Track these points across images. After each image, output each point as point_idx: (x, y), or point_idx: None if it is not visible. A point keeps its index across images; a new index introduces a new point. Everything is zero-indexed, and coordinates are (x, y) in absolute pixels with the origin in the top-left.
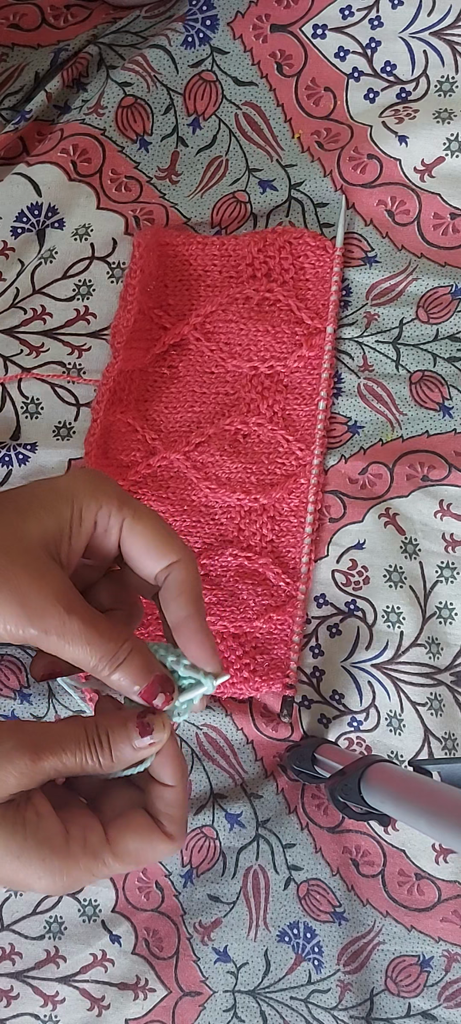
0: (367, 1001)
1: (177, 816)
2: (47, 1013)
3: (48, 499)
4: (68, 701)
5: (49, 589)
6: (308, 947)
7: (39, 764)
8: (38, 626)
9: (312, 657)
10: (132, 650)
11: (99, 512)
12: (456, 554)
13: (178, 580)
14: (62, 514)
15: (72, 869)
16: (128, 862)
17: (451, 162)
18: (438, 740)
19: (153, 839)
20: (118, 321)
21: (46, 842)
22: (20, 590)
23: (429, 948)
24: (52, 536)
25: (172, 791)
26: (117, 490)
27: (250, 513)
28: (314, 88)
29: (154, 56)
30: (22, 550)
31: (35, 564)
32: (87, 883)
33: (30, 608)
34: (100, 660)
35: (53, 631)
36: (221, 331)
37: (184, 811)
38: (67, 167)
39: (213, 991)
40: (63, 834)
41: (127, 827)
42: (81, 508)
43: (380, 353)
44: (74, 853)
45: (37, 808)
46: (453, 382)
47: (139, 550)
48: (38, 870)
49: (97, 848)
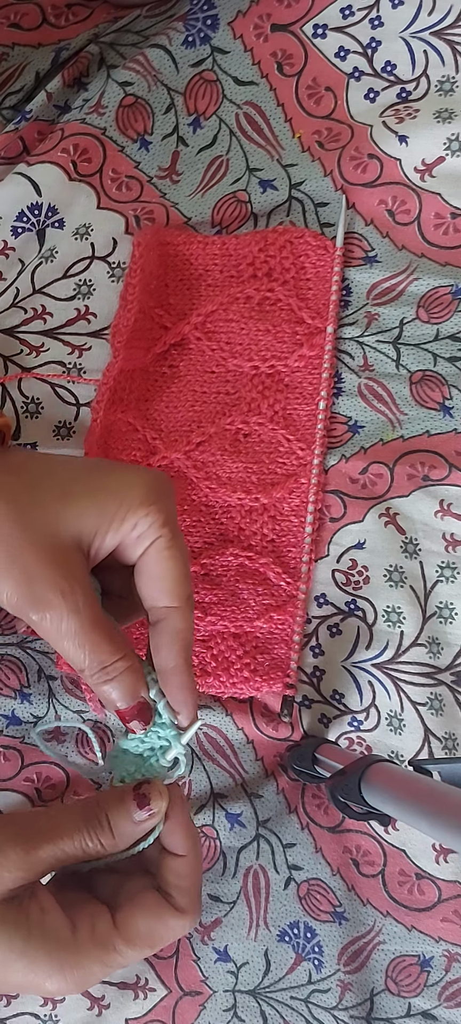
0: (367, 1001)
1: (188, 888)
2: (47, 1012)
3: (99, 493)
4: (68, 701)
5: (59, 581)
6: (308, 947)
7: (35, 855)
8: (37, 613)
9: (312, 657)
10: (125, 669)
11: (142, 520)
12: (456, 554)
13: (175, 628)
14: (107, 512)
15: (82, 962)
16: (141, 945)
17: (451, 162)
18: (438, 740)
19: (163, 916)
20: (118, 320)
21: (52, 935)
22: (30, 572)
23: (429, 948)
24: (88, 530)
25: (182, 861)
26: (168, 507)
27: (251, 512)
28: (315, 88)
29: (155, 55)
30: (49, 534)
31: (55, 553)
32: (100, 976)
33: (35, 594)
34: (91, 666)
35: (50, 623)
36: (222, 330)
37: (196, 882)
38: (67, 167)
39: (213, 991)
40: (69, 926)
41: (135, 908)
42: (127, 513)
43: (380, 353)
44: (82, 944)
45: (41, 903)
46: (454, 382)
47: (155, 577)
48: (45, 967)
49: (105, 935)
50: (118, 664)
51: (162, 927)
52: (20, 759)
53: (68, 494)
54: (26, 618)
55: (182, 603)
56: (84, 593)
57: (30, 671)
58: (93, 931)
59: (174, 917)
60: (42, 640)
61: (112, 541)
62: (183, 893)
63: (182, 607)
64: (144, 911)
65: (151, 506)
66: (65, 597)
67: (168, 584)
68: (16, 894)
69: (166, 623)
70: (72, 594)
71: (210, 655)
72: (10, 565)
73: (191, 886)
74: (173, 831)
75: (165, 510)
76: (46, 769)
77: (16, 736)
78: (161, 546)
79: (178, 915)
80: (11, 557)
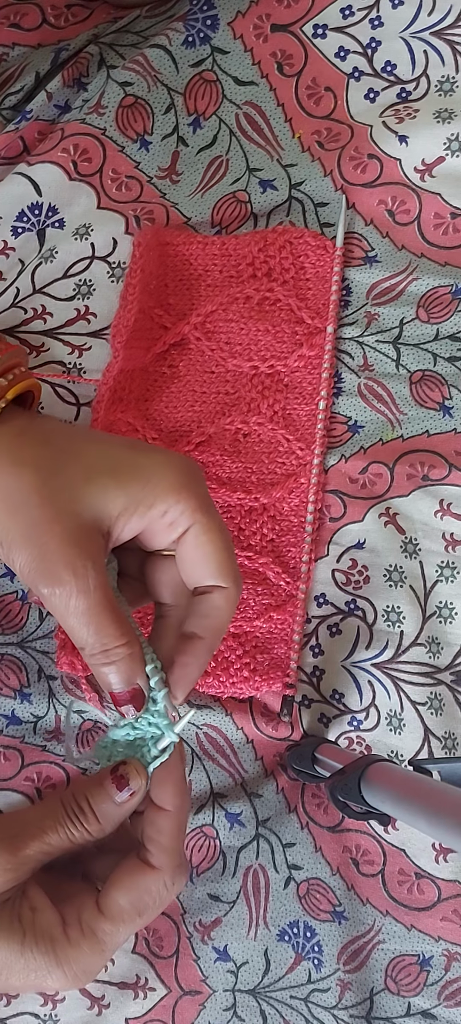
0: (367, 1000)
1: (167, 845)
2: (47, 1012)
3: (127, 473)
4: (68, 701)
5: (73, 560)
6: (308, 946)
7: (21, 854)
8: (48, 587)
9: (312, 656)
10: (126, 655)
11: (173, 508)
12: (456, 554)
13: (214, 604)
14: (132, 496)
15: (76, 956)
16: (127, 920)
17: (451, 162)
18: (438, 739)
19: (140, 880)
20: (118, 320)
21: (45, 934)
22: (46, 547)
23: (429, 947)
24: (110, 511)
25: (165, 816)
26: (200, 491)
27: (250, 512)
28: (314, 88)
29: (155, 56)
30: (70, 511)
31: (73, 531)
32: (101, 962)
33: (47, 568)
34: (93, 646)
35: (58, 599)
36: (222, 330)
37: (175, 841)
38: (67, 167)
39: (213, 990)
40: (60, 922)
41: (114, 885)
42: (155, 499)
43: (380, 353)
44: (73, 938)
45: (31, 902)
46: (453, 382)
47: (197, 561)
48: (44, 966)
49: (92, 923)
50: (120, 649)
51: (141, 893)
52: (20, 759)
53: (94, 473)
54: (36, 590)
55: (228, 584)
56: (96, 574)
57: (30, 671)
58: (80, 923)
59: (149, 876)
60: (42, 640)
61: (137, 526)
62: (161, 850)
63: (228, 588)
64: (122, 885)
65: (181, 492)
66: (77, 576)
67: (213, 566)
68: (8, 896)
69: (208, 597)
70: (84, 574)
71: None
72: (28, 536)
73: (170, 844)
74: (164, 784)
75: (196, 495)
76: (46, 769)
77: (16, 736)
78: (198, 532)
79: (153, 873)
80: (30, 527)
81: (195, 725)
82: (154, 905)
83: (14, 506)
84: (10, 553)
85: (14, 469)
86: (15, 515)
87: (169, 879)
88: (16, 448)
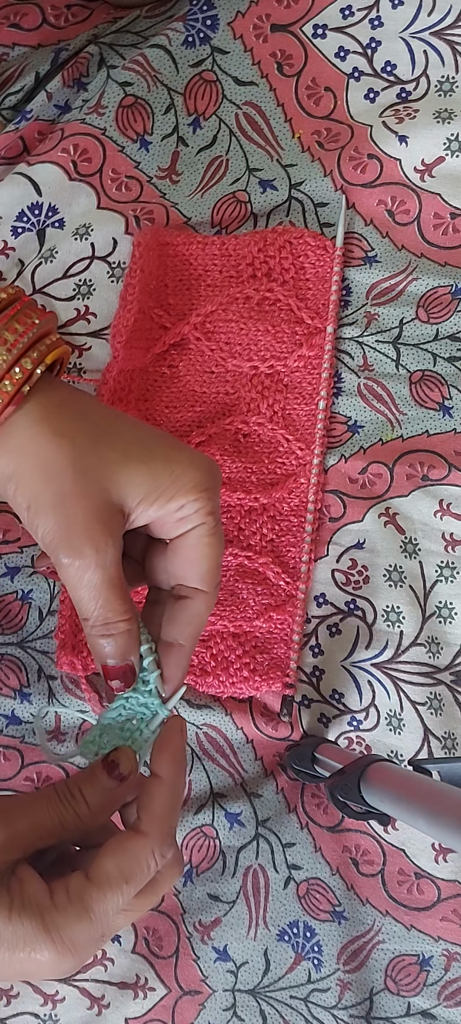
0: (367, 1000)
1: (156, 811)
2: (47, 1012)
3: (159, 463)
4: (68, 701)
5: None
6: (308, 946)
7: (12, 828)
8: (68, 558)
9: (312, 656)
10: (125, 631)
11: (190, 504)
12: (456, 554)
13: (196, 611)
14: (159, 485)
15: (65, 924)
16: (114, 885)
17: (451, 162)
18: (438, 739)
19: (126, 844)
20: (118, 321)
21: (32, 901)
22: (73, 518)
23: (429, 947)
24: (134, 495)
25: (158, 783)
26: (215, 496)
27: (250, 513)
28: (314, 88)
29: (154, 56)
30: (100, 488)
31: (101, 507)
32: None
33: (71, 540)
34: (96, 619)
35: (76, 571)
36: (221, 331)
37: (166, 810)
38: (67, 167)
39: (213, 990)
40: (47, 892)
41: (101, 852)
42: (177, 492)
43: (380, 353)
44: (61, 905)
45: (19, 876)
46: (453, 382)
47: (191, 560)
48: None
49: (80, 890)
50: (120, 624)
51: (128, 857)
52: (20, 759)
53: (127, 456)
54: (55, 558)
55: (210, 590)
56: (114, 551)
57: (30, 671)
58: (68, 891)
59: (136, 840)
60: (42, 640)
61: (154, 514)
62: (150, 815)
63: (210, 593)
64: (109, 850)
65: (202, 492)
66: (98, 551)
67: (203, 570)
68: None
69: (190, 603)
70: (104, 550)
71: (209, 655)
72: (57, 504)
73: (160, 811)
74: (160, 753)
75: (213, 499)
76: (46, 769)
77: (16, 736)
78: (203, 532)
79: (140, 837)
80: (60, 497)
81: (195, 725)
82: (141, 873)
83: (48, 474)
84: (36, 518)
85: (54, 439)
86: (49, 483)
87: (157, 847)
88: (56, 419)
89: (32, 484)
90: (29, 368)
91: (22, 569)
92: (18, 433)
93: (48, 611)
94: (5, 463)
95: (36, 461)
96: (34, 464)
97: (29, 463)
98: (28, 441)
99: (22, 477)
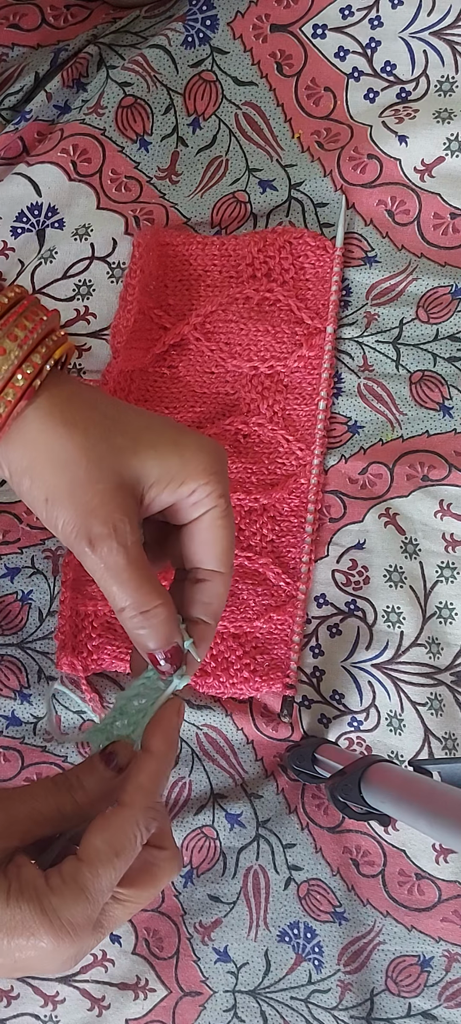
0: (367, 1001)
1: (141, 784)
2: (47, 1013)
3: (168, 448)
4: (68, 702)
5: (113, 516)
6: (308, 947)
7: (11, 815)
8: (88, 544)
9: (312, 657)
10: (165, 617)
11: (201, 488)
12: (456, 554)
13: (216, 591)
14: (169, 470)
15: (62, 905)
16: (104, 861)
17: (451, 162)
18: (438, 740)
19: (111, 818)
20: (118, 321)
21: (29, 885)
22: (89, 504)
23: (429, 948)
24: (146, 480)
25: (146, 758)
26: (226, 479)
27: (250, 513)
28: (314, 88)
29: (154, 56)
30: (114, 472)
31: (115, 491)
32: (86, 917)
33: (90, 527)
34: (131, 607)
35: (98, 557)
36: (221, 331)
37: (149, 782)
38: (67, 167)
39: (213, 991)
40: (42, 876)
41: (89, 830)
42: (188, 476)
43: (380, 353)
44: (55, 887)
45: (16, 863)
46: (453, 382)
47: (207, 542)
48: (29, 915)
49: (72, 871)
50: (158, 610)
51: (115, 831)
52: (20, 759)
53: (138, 443)
54: (77, 549)
55: (227, 570)
56: (133, 530)
57: (30, 671)
58: (61, 874)
59: (120, 811)
60: (42, 640)
61: (167, 499)
62: (135, 787)
63: (227, 574)
64: (96, 828)
65: (212, 475)
66: (117, 532)
67: (218, 551)
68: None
69: (209, 585)
70: (123, 530)
71: (210, 655)
72: (73, 493)
73: (144, 782)
74: (153, 729)
75: (223, 482)
76: (46, 769)
77: (16, 736)
78: (216, 515)
79: (124, 808)
80: (76, 486)
81: (195, 725)
82: (130, 844)
83: (61, 465)
84: (54, 510)
85: (65, 430)
86: (62, 473)
87: (141, 817)
88: (67, 411)
89: (47, 475)
90: (39, 363)
91: (22, 570)
92: (31, 427)
93: (48, 612)
94: (19, 457)
95: (49, 453)
96: (47, 456)
97: (43, 455)
98: (41, 433)
99: (36, 469)
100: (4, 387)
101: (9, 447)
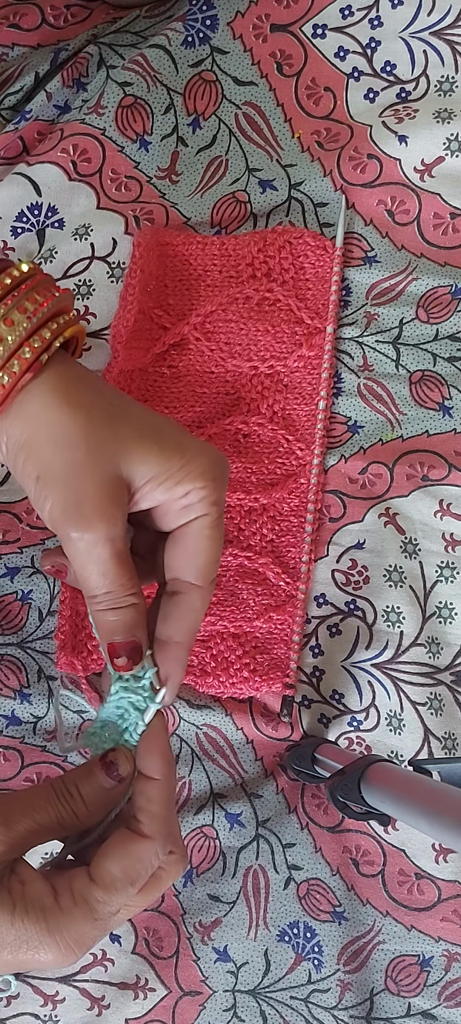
0: (367, 1001)
1: (157, 813)
2: (47, 1013)
3: (171, 446)
4: (68, 702)
5: (105, 506)
6: (308, 947)
7: (12, 829)
8: (78, 531)
9: (312, 657)
10: (133, 605)
11: (195, 492)
12: (456, 554)
13: (192, 606)
14: (168, 466)
15: (69, 924)
16: (119, 887)
17: (451, 162)
18: (438, 740)
19: (131, 847)
20: (118, 321)
21: (35, 903)
22: (83, 490)
23: (429, 948)
24: (142, 474)
25: (155, 785)
26: (221, 488)
27: (250, 513)
28: (314, 88)
29: (154, 56)
30: (112, 462)
31: (110, 481)
32: (95, 935)
33: (81, 512)
34: (104, 593)
35: (84, 544)
36: (221, 331)
37: (166, 809)
38: (67, 167)
39: (213, 991)
40: (51, 892)
41: (104, 853)
42: (185, 476)
43: (380, 353)
44: (66, 906)
45: (20, 876)
46: (453, 382)
47: (191, 551)
48: (35, 935)
49: (84, 891)
50: (128, 598)
51: (133, 859)
52: (20, 759)
53: (142, 435)
54: (61, 531)
55: (206, 585)
56: (122, 526)
57: (30, 671)
58: (72, 891)
59: (140, 843)
60: (42, 640)
61: (160, 497)
62: (152, 818)
63: (205, 588)
64: (113, 853)
65: (209, 480)
66: (107, 523)
67: (200, 563)
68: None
69: (185, 598)
70: (113, 523)
71: (209, 655)
72: (68, 475)
73: (160, 811)
74: (150, 753)
75: (219, 490)
76: (46, 769)
77: (16, 736)
78: (205, 524)
79: (144, 841)
80: (72, 468)
81: (195, 725)
82: (146, 873)
83: (61, 444)
84: (44, 489)
85: (68, 409)
86: (60, 453)
87: (160, 847)
88: (73, 391)
89: (43, 453)
90: (48, 338)
91: (22, 569)
92: (34, 402)
93: (48, 611)
94: (19, 431)
95: (49, 430)
96: (47, 433)
97: (42, 432)
98: (43, 409)
99: (34, 446)
100: (10, 358)
101: (9, 420)
